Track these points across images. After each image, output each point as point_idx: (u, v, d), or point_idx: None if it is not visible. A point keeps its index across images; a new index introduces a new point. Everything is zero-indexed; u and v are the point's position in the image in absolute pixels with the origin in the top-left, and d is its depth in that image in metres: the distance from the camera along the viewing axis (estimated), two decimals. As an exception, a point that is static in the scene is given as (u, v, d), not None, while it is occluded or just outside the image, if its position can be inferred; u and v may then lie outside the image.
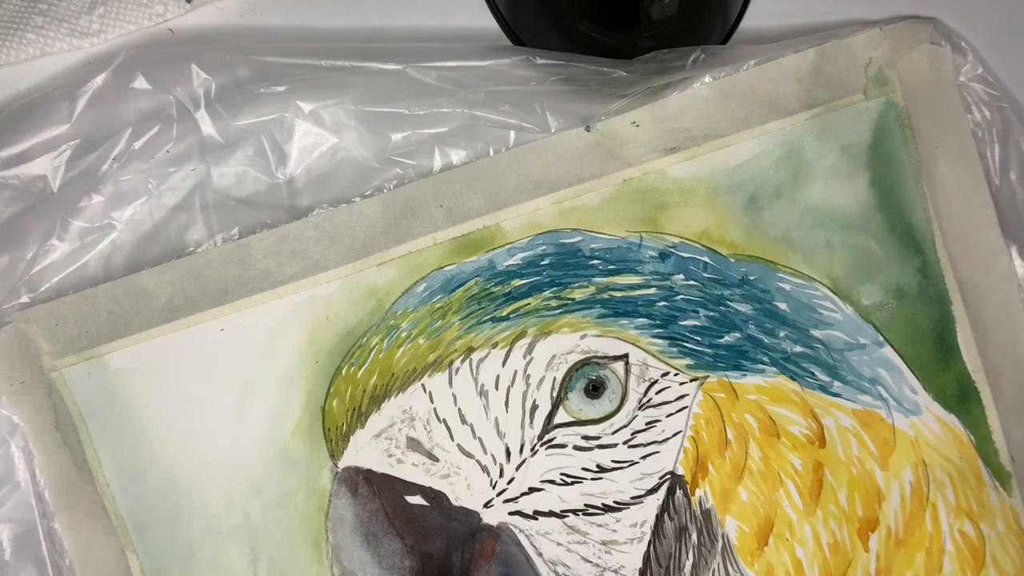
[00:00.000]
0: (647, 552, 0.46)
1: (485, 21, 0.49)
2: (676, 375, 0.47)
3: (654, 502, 0.47)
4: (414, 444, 0.47)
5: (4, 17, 0.47)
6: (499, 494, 0.47)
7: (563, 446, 0.47)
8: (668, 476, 0.47)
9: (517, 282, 0.47)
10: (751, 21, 0.49)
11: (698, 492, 0.46)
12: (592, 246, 0.47)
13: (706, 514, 0.46)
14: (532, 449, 0.47)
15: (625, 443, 0.47)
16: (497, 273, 0.47)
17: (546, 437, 0.47)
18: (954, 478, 0.47)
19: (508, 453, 0.47)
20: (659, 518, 0.47)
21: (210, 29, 0.49)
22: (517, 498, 0.47)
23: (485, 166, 0.47)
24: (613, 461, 0.47)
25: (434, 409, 0.47)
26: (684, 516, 0.47)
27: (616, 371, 0.47)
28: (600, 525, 0.47)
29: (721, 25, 0.49)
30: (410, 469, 0.47)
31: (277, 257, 0.47)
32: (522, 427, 0.47)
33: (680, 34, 0.47)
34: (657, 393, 0.47)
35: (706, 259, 0.47)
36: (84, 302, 0.47)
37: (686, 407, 0.47)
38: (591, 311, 0.47)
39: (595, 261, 0.47)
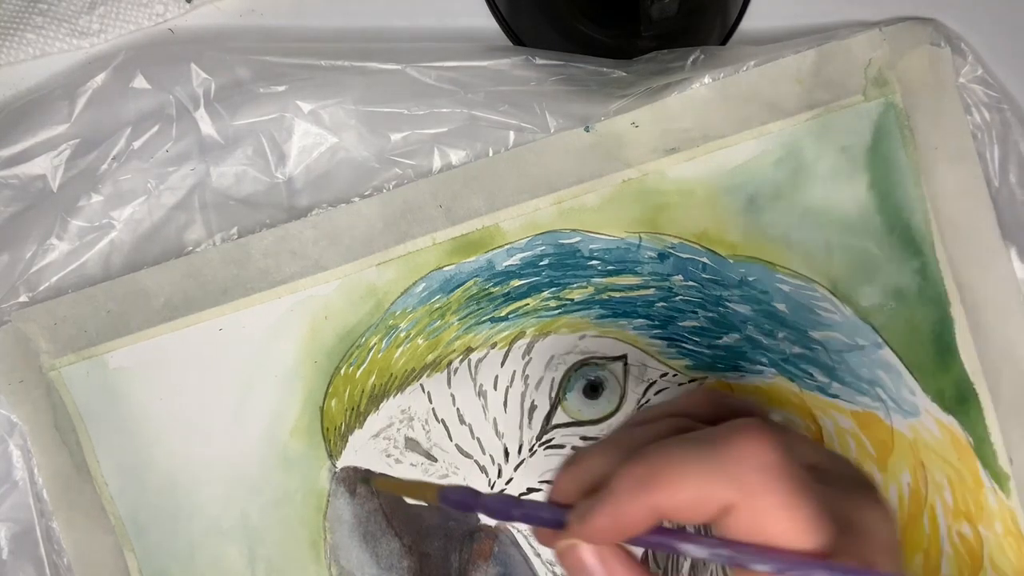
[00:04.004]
0: (645, 552, 0.46)
1: (485, 21, 0.49)
2: (675, 376, 0.47)
3: (652, 503, 0.47)
4: (412, 444, 0.47)
5: (4, 17, 0.47)
6: (497, 494, 0.47)
7: (561, 446, 0.47)
8: (666, 477, 0.46)
9: (516, 282, 0.47)
10: (751, 22, 0.49)
11: (696, 493, 0.46)
12: (591, 247, 0.47)
13: (704, 515, 0.46)
14: (530, 449, 0.47)
15: (624, 444, 0.47)
16: (496, 273, 0.47)
17: (544, 437, 0.47)
18: (952, 480, 0.47)
19: (507, 453, 0.47)
20: (657, 519, 0.47)
21: (210, 29, 0.49)
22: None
23: (484, 166, 0.47)
24: (611, 462, 0.47)
25: (432, 409, 0.47)
26: (682, 517, 0.46)
27: (615, 372, 0.47)
28: (598, 526, 0.47)
29: (721, 25, 0.49)
30: (408, 469, 0.47)
31: (276, 257, 0.47)
32: (520, 427, 0.47)
33: (680, 34, 0.47)
34: (656, 394, 0.47)
35: (705, 260, 0.47)
36: (83, 301, 0.47)
37: (685, 408, 0.47)
38: (590, 312, 0.47)
39: (594, 262, 0.47)
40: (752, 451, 0.28)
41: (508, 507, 0.32)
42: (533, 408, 0.47)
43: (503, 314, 0.47)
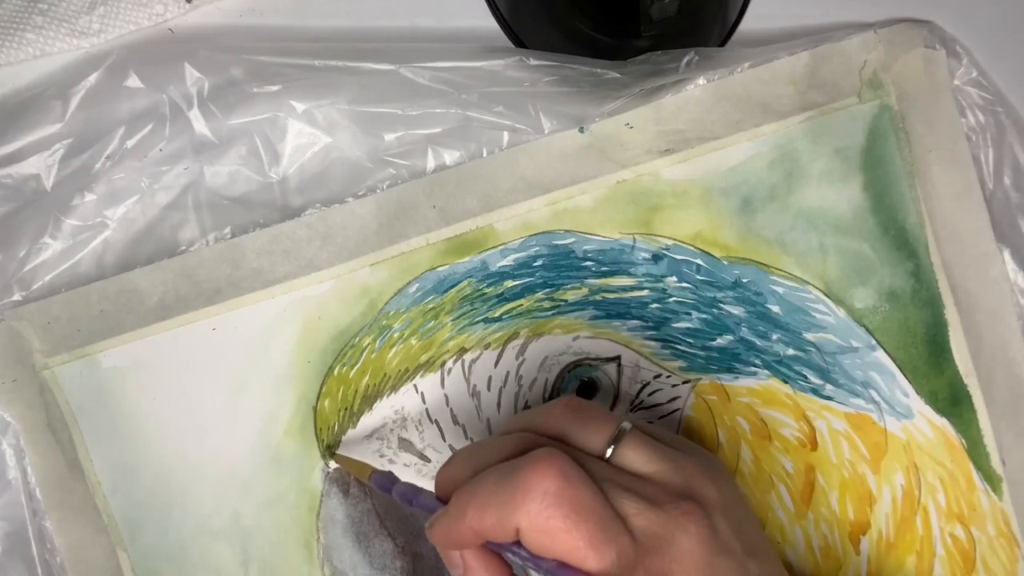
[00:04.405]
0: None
1: (485, 21, 0.49)
2: (668, 377, 0.47)
3: (645, 504, 0.46)
4: (406, 445, 0.47)
5: (4, 17, 0.47)
6: (490, 495, 0.47)
7: (555, 447, 0.47)
8: (660, 478, 0.46)
9: (510, 283, 0.47)
10: (750, 23, 0.49)
11: (689, 494, 0.46)
12: (585, 248, 0.47)
13: (697, 516, 0.46)
14: (524, 450, 0.47)
15: (617, 445, 0.47)
16: (490, 274, 0.47)
17: (538, 438, 0.47)
18: (945, 482, 0.47)
19: (500, 454, 0.47)
20: (650, 520, 0.46)
21: (210, 29, 0.49)
22: (508, 499, 0.47)
23: (478, 167, 0.47)
24: (605, 463, 0.46)
25: (426, 410, 0.47)
26: (675, 518, 0.46)
27: (608, 373, 0.47)
28: (591, 527, 0.47)
29: (720, 26, 0.49)
30: (402, 469, 0.47)
31: (270, 257, 0.47)
32: (514, 428, 0.47)
33: (680, 35, 0.47)
34: (649, 395, 0.47)
35: (699, 261, 0.47)
36: (76, 300, 0.47)
37: (678, 409, 0.47)
38: (584, 312, 0.47)
39: (588, 263, 0.47)
40: (536, 481, 0.32)
41: (410, 495, 0.38)
42: (527, 409, 0.47)
43: (497, 315, 0.47)
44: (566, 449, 0.35)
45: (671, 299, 0.47)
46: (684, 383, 0.47)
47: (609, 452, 0.35)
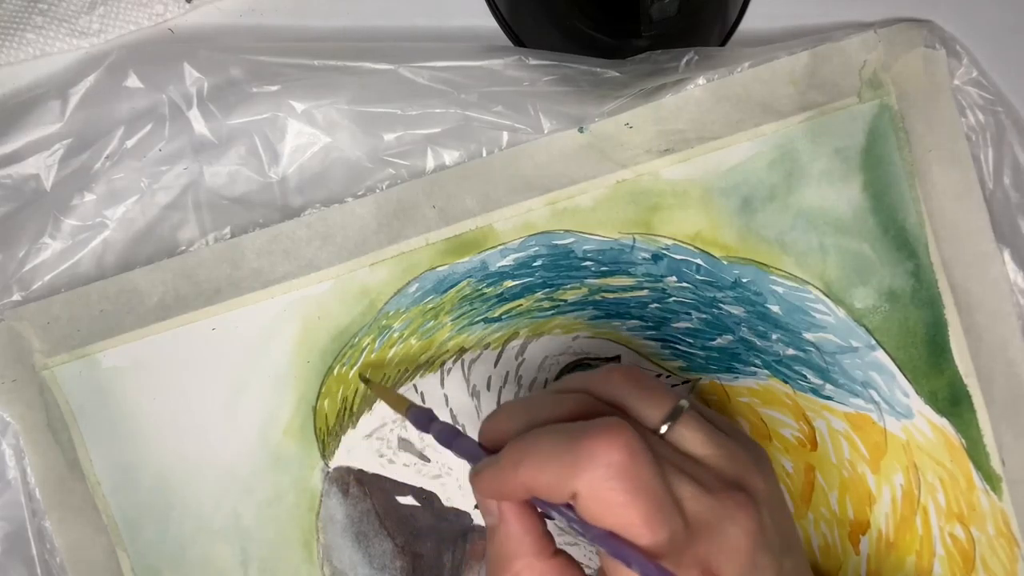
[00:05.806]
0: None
1: (485, 21, 0.49)
2: (668, 377, 0.47)
3: (645, 504, 0.46)
4: (405, 444, 0.47)
5: (4, 17, 0.47)
6: (490, 495, 0.47)
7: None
8: (659, 478, 0.46)
9: (509, 283, 0.47)
10: (750, 23, 0.49)
11: (689, 494, 0.46)
12: (585, 247, 0.47)
13: (697, 516, 0.46)
14: (523, 450, 0.47)
15: (616, 445, 0.46)
16: (489, 274, 0.47)
17: (537, 438, 0.47)
18: (945, 481, 0.47)
19: (499, 454, 0.47)
20: (650, 520, 0.46)
21: (210, 29, 0.49)
22: (508, 499, 0.47)
23: (478, 167, 0.47)
24: (604, 463, 0.46)
25: (425, 410, 0.47)
26: (675, 518, 0.46)
27: (608, 373, 0.47)
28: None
29: (720, 26, 0.49)
30: (401, 469, 0.47)
31: (269, 257, 0.47)
32: (514, 428, 0.47)
33: (680, 34, 0.47)
34: (649, 395, 0.47)
35: (699, 261, 0.47)
36: (76, 300, 0.47)
37: (678, 409, 0.47)
38: (583, 312, 0.47)
39: (588, 263, 0.47)
40: (601, 451, 0.31)
41: (450, 437, 0.38)
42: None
43: (496, 315, 0.47)
44: (627, 420, 0.34)
45: (671, 299, 0.47)
46: (684, 383, 0.47)
47: (664, 428, 0.35)
